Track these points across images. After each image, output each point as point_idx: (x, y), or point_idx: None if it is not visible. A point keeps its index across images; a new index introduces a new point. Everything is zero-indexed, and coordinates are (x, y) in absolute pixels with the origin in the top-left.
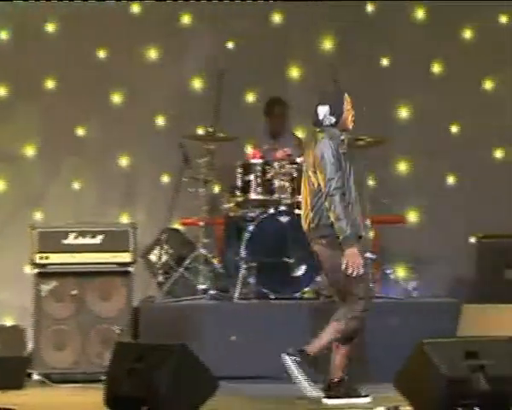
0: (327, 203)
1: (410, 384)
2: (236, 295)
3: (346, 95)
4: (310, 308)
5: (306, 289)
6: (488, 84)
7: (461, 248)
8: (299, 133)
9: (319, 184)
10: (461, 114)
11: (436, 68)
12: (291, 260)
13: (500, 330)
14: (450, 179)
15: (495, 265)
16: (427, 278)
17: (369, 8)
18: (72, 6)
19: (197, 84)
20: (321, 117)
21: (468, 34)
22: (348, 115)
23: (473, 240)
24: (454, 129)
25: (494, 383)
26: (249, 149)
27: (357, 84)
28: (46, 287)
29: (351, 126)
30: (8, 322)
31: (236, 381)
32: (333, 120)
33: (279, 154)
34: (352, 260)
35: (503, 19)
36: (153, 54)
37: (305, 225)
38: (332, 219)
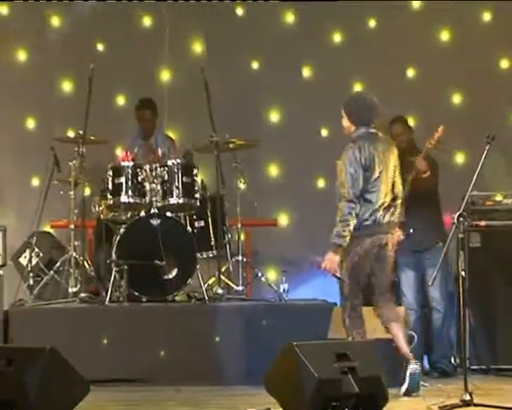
0: None
1: (281, 386)
2: (108, 298)
3: None
4: (181, 311)
5: (178, 292)
6: (358, 88)
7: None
8: (171, 134)
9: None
10: (331, 118)
11: (306, 72)
12: (162, 263)
13: (369, 332)
14: (321, 182)
15: None
16: (298, 280)
17: (239, 10)
18: None
19: (67, 86)
20: None
21: (337, 37)
22: None
23: None
24: (324, 132)
25: (363, 384)
26: (120, 152)
27: (228, 87)
28: None
29: None
30: None
31: (108, 384)
32: None
33: (151, 155)
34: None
35: (372, 22)
36: (21, 55)
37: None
38: None
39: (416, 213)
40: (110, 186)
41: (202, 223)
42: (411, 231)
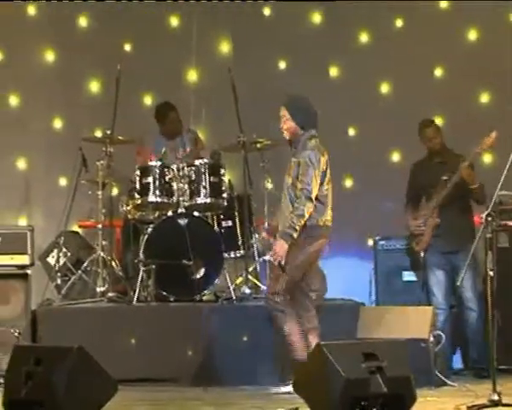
0: None
1: (309, 386)
2: (135, 297)
3: None
4: (209, 311)
5: (206, 292)
6: (384, 87)
7: (359, 250)
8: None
9: None
10: (358, 117)
11: (333, 71)
12: (190, 263)
13: (397, 332)
14: (348, 181)
15: (392, 267)
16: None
17: (267, 10)
18: None
19: (94, 86)
20: None
21: (364, 37)
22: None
23: (370, 242)
24: (351, 132)
25: (391, 385)
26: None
27: (255, 87)
28: None
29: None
30: None
31: (135, 383)
32: None
33: (180, 153)
34: None
35: (399, 22)
36: (49, 55)
37: None
38: None
39: (450, 215)
40: (138, 186)
41: (229, 223)
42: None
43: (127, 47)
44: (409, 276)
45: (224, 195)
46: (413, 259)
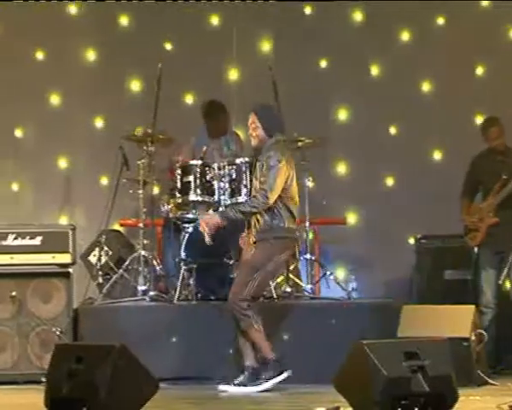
0: None
1: (350, 385)
2: (176, 296)
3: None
4: None
5: None
6: (426, 86)
7: (400, 249)
8: (239, 133)
9: None
10: (399, 116)
11: (374, 70)
12: (231, 262)
13: (439, 331)
14: (390, 181)
15: (434, 265)
16: (366, 279)
17: (308, 9)
18: (10, 5)
19: (135, 85)
20: None
21: (405, 36)
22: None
23: (412, 241)
24: (393, 130)
25: (433, 384)
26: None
27: (296, 86)
28: None
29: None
30: None
31: (176, 382)
32: None
33: (224, 153)
34: None
35: (440, 20)
36: (90, 54)
37: None
38: None
39: (507, 215)
40: (179, 185)
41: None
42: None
43: (168, 46)
44: (451, 274)
45: None
46: (464, 255)
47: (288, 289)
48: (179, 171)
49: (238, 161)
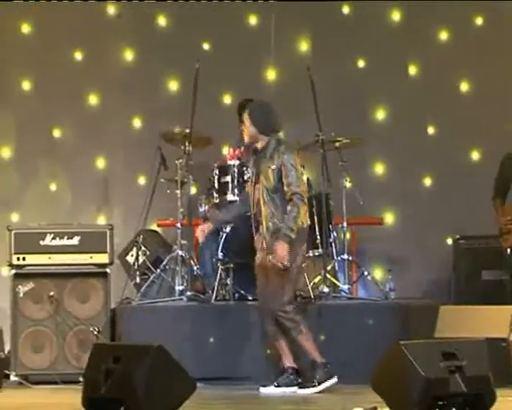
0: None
1: (387, 385)
2: (214, 296)
3: None
4: None
5: None
6: (464, 86)
7: (438, 249)
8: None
9: None
10: (437, 116)
11: (412, 69)
12: None
13: (476, 331)
14: (427, 181)
15: (472, 266)
16: (404, 279)
17: (345, 9)
18: (48, 6)
19: (173, 85)
20: None
21: (443, 35)
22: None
23: (450, 241)
24: (431, 130)
25: (471, 384)
26: (226, 151)
27: (333, 86)
28: (23, 288)
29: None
30: None
31: (213, 382)
32: None
33: None
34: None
35: (479, 20)
36: (128, 55)
37: None
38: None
39: None
40: (216, 185)
41: (308, 221)
42: None
43: (205, 46)
44: (488, 275)
45: None
46: (502, 256)
47: (326, 290)
48: (217, 171)
49: None
